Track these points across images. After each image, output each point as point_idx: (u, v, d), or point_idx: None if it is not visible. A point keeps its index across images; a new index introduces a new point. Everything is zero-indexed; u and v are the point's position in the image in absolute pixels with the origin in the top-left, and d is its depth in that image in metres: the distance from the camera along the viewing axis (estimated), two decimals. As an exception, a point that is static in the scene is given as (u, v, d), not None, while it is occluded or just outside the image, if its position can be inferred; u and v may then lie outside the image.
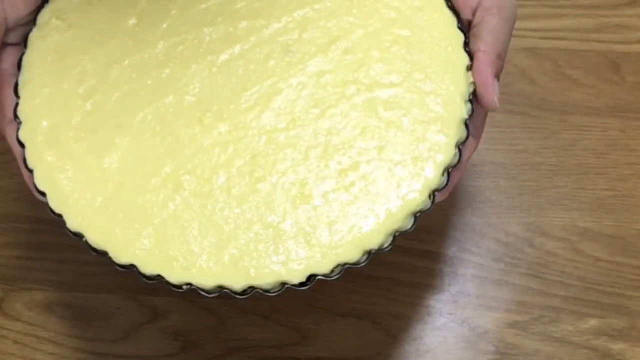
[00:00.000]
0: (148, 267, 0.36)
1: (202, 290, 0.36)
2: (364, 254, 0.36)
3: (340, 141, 0.37)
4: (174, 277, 0.36)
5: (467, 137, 0.38)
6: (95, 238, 0.36)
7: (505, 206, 0.51)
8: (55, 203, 0.37)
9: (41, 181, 0.37)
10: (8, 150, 0.39)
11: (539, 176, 0.52)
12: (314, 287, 0.36)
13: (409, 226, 0.36)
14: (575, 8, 0.55)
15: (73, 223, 0.37)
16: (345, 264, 0.35)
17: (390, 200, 0.36)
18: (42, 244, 0.51)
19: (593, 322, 0.49)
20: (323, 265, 0.35)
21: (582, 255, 0.50)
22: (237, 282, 0.35)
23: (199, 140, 0.38)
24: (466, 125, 0.38)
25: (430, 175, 0.36)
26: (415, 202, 0.36)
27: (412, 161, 0.37)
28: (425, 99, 0.38)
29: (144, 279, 0.36)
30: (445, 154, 0.37)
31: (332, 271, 0.36)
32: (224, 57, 0.39)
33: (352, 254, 0.36)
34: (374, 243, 0.36)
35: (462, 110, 0.37)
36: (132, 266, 0.36)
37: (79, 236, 0.37)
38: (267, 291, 0.36)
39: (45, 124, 0.38)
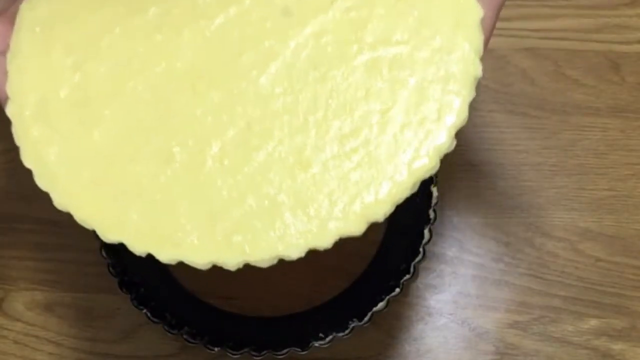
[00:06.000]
0: (137, 244, 0.34)
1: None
2: (367, 226, 0.33)
3: (341, 105, 0.35)
4: (164, 254, 0.34)
5: None
6: (82, 214, 0.34)
7: (505, 206, 0.51)
8: (42, 180, 0.35)
9: (27, 157, 0.35)
10: (8, 150, 0.39)
11: (539, 176, 0.52)
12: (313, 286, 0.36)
13: (416, 188, 0.34)
14: (575, 8, 0.55)
15: (59, 200, 0.35)
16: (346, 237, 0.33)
17: (396, 167, 0.33)
18: (42, 244, 0.51)
19: (593, 322, 0.49)
20: (323, 238, 0.33)
21: (582, 255, 0.50)
22: (231, 259, 0.33)
23: (191, 108, 0.35)
24: None
25: (441, 139, 0.33)
26: (424, 169, 0.33)
27: (420, 124, 0.34)
28: (434, 57, 0.35)
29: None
30: (457, 116, 0.34)
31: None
32: (218, 20, 0.36)
33: (354, 226, 0.33)
34: (378, 214, 0.33)
35: (477, 67, 0.34)
36: (121, 244, 0.34)
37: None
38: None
39: (32, 98, 0.36)
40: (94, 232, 0.47)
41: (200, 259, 0.33)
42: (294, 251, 0.33)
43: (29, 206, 0.52)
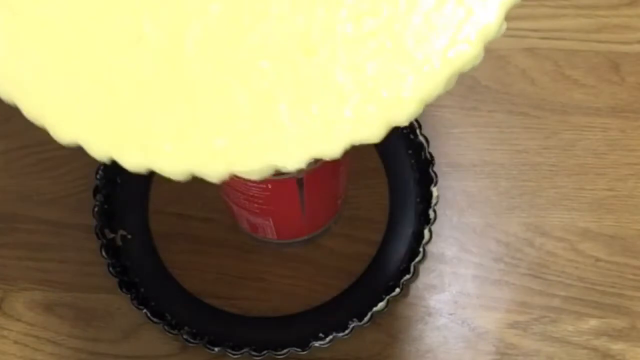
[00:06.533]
0: (97, 146, 0.27)
1: None
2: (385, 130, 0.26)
3: None
4: (131, 160, 0.27)
5: None
6: (31, 107, 0.28)
7: (505, 206, 0.51)
8: None
9: None
10: (8, 150, 0.39)
11: (539, 176, 0.52)
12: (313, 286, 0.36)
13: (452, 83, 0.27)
14: (575, 8, 0.55)
15: (4, 92, 0.28)
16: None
17: (427, 56, 0.26)
18: (42, 244, 0.51)
19: (593, 322, 0.49)
20: (329, 144, 0.26)
21: (582, 255, 0.50)
22: (212, 168, 0.27)
23: None
24: None
25: (487, 19, 0.26)
26: (464, 57, 0.26)
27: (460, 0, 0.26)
28: None
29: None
30: None
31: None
32: None
33: (370, 130, 0.26)
34: (401, 115, 0.26)
35: None
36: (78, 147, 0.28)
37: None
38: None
39: None
40: (94, 232, 0.47)
41: (174, 167, 0.27)
42: (292, 160, 0.27)
43: (29, 206, 0.52)
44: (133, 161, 0.27)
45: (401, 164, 0.51)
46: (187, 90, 0.27)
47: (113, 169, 0.27)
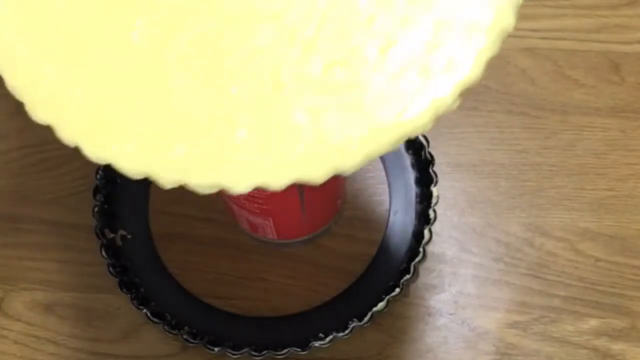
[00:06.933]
0: (66, 130, 0.28)
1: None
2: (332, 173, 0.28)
3: (337, 27, 0.28)
4: (94, 150, 0.28)
5: None
6: (14, 80, 0.29)
7: (505, 206, 0.51)
8: None
9: None
10: (8, 150, 0.39)
11: (539, 176, 0.52)
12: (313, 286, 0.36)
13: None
14: (575, 8, 0.55)
15: None
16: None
17: (379, 116, 0.28)
18: (42, 244, 0.51)
19: (593, 322, 0.49)
20: (276, 178, 0.27)
21: (582, 255, 0.50)
22: (165, 174, 0.28)
23: None
24: None
25: (441, 94, 0.28)
26: (414, 125, 0.28)
27: (422, 72, 0.28)
28: None
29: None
30: (469, 71, 0.28)
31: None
32: None
33: (315, 172, 0.28)
34: (346, 165, 0.27)
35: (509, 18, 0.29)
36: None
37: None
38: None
39: None
40: (94, 232, 0.47)
41: (131, 167, 0.28)
42: (238, 185, 0.28)
43: (29, 206, 0.52)
44: (95, 153, 0.28)
45: (401, 164, 0.51)
46: (161, 96, 0.28)
47: (113, 169, 0.28)
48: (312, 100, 0.28)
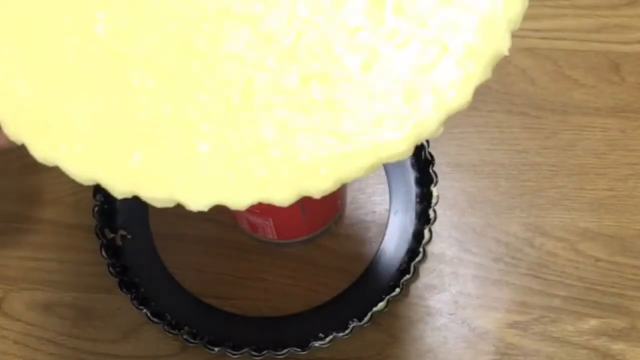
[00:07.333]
0: (13, 127, 0.26)
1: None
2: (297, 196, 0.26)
3: (317, 39, 0.26)
4: (40, 151, 0.26)
5: None
6: None
7: (505, 206, 0.51)
8: None
9: None
10: (8, 150, 0.39)
11: (539, 176, 0.52)
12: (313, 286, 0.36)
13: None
14: (575, 8, 0.55)
15: None
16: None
17: (354, 138, 0.25)
18: (42, 244, 0.51)
19: (593, 322, 0.49)
20: (235, 197, 0.25)
21: (582, 255, 0.50)
22: (118, 184, 0.26)
23: None
24: None
25: (425, 116, 0.25)
26: (393, 151, 0.26)
27: (405, 95, 0.26)
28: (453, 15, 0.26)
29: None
30: (455, 97, 0.26)
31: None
32: None
33: (279, 194, 0.26)
34: (313, 188, 0.25)
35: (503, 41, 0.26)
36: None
37: None
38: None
39: None
40: (94, 232, 0.47)
41: (80, 172, 0.26)
42: (196, 202, 0.26)
43: (29, 206, 0.52)
44: (42, 153, 0.26)
45: (401, 164, 0.51)
46: (121, 95, 0.26)
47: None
48: (283, 114, 0.25)
